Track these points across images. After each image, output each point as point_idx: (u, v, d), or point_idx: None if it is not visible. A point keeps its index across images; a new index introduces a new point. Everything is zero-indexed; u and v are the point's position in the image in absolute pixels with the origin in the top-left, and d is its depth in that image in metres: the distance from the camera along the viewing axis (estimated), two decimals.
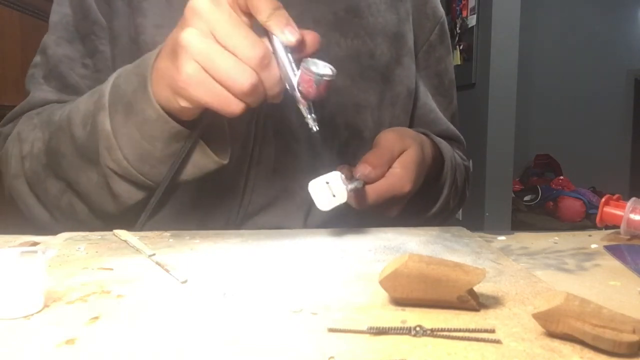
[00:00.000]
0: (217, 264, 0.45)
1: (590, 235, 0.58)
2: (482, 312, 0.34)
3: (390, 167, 0.58)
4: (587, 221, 2.86)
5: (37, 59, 0.71)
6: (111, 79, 0.56)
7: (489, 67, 2.55)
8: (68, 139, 0.59)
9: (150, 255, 0.46)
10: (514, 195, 2.87)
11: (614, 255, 0.50)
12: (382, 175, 0.57)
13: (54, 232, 0.55)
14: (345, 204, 0.54)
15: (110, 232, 0.54)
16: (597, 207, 0.58)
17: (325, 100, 0.63)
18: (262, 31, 0.47)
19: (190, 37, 0.46)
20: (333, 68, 0.48)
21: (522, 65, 2.64)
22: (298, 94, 0.48)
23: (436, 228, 0.59)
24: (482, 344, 0.30)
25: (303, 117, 0.50)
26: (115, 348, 0.29)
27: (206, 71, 0.46)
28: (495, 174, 2.54)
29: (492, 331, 0.31)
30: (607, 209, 0.57)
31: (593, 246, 0.53)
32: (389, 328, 0.31)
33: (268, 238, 0.54)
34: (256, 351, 0.29)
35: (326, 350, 0.29)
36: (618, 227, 0.56)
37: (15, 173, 0.65)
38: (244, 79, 0.45)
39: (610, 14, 3.52)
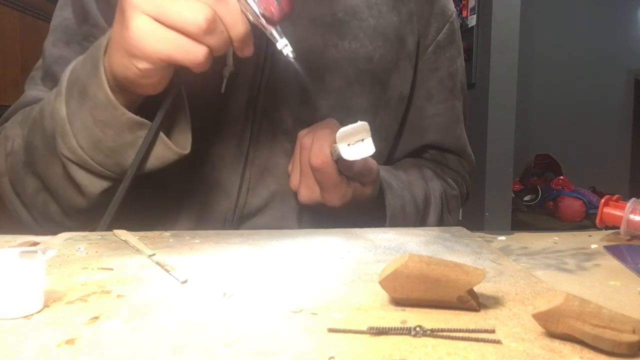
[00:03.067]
0: (217, 264, 0.45)
1: (590, 236, 0.58)
2: (482, 313, 0.34)
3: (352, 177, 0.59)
4: (587, 221, 2.87)
5: (39, 62, 0.71)
6: (71, 64, 0.55)
7: (489, 67, 2.55)
8: (40, 131, 0.58)
9: (150, 255, 0.46)
10: (514, 195, 2.87)
11: (614, 255, 0.50)
12: (350, 174, 0.58)
13: (52, 232, 0.55)
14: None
15: (111, 232, 0.54)
16: (597, 207, 0.58)
17: (321, 103, 0.62)
18: None
19: None
20: None
21: (522, 65, 2.64)
22: (263, 20, 0.45)
23: (436, 228, 0.59)
24: (482, 344, 0.30)
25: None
26: (115, 348, 0.29)
27: (157, 20, 0.44)
28: (495, 174, 2.54)
29: (492, 331, 0.31)
30: (607, 210, 0.57)
31: (593, 246, 0.53)
32: (389, 328, 0.31)
33: (268, 238, 0.54)
34: (256, 351, 0.29)
35: (326, 350, 0.29)
36: (618, 227, 0.56)
37: (1, 172, 0.65)
38: (197, 14, 0.43)
39: (610, 14, 3.52)
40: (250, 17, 0.45)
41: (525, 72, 3.13)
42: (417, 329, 0.31)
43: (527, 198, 3.16)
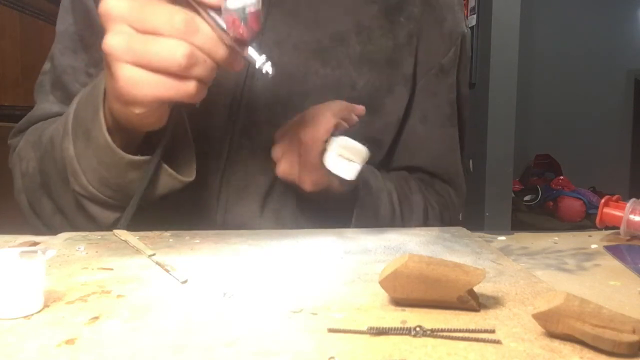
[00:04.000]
0: (217, 264, 0.45)
1: (590, 236, 0.58)
2: (482, 313, 0.34)
3: None
4: (587, 221, 2.86)
5: (47, 66, 0.71)
6: (75, 102, 0.56)
7: (489, 67, 2.55)
8: (52, 161, 0.59)
9: (150, 255, 0.46)
10: (514, 195, 2.87)
11: (614, 255, 0.50)
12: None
13: (53, 232, 0.55)
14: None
15: (111, 232, 0.54)
16: (597, 207, 0.58)
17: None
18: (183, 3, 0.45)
19: (111, 41, 0.44)
20: None
21: (522, 65, 2.64)
22: (235, 44, 0.45)
23: (436, 228, 0.60)
24: (482, 344, 0.30)
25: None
26: (115, 348, 0.29)
27: (140, 66, 0.44)
28: (495, 174, 2.54)
29: (492, 331, 0.31)
30: (607, 210, 0.57)
31: (593, 246, 0.53)
32: (389, 328, 0.31)
33: (268, 238, 0.54)
34: (256, 351, 0.29)
35: (326, 350, 0.29)
36: (618, 228, 0.56)
37: (18, 189, 0.67)
38: (175, 53, 0.43)
39: (610, 14, 3.52)
40: (225, 41, 0.45)
41: (525, 72, 3.13)
42: (417, 329, 0.31)
43: (527, 198, 3.16)
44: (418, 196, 0.73)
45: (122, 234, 0.53)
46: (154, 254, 0.46)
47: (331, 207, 0.65)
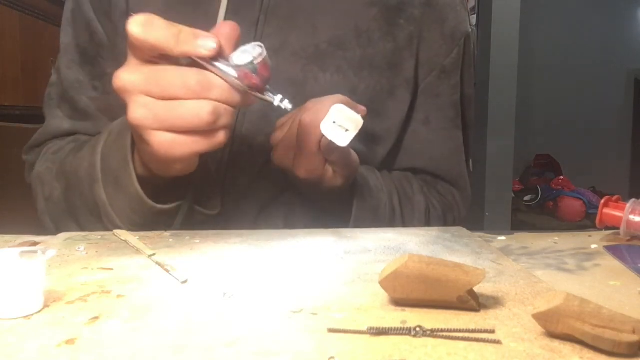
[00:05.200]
0: (217, 264, 0.45)
1: (590, 236, 0.58)
2: (482, 313, 0.34)
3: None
4: (587, 221, 2.86)
5: (53, 78, 0.72)
6: (100, 145, 0.57)
7: (489, 67, 2.55)
8: (79, 197, 0.61)
9: (150, 255, 0.46)
10: (514, 195, 2.87)
11: (614, 255, 0.50)
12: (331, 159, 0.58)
13: (54, 232, 0.55)
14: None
15: (110, 232, 0.54)
16: (597, 207, 0.58)
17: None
18: (190, 61, 0.47)
19: (136, 114, 0.46)
20: (260, 44, 0.47)
21: (522, 65, 2.64)
22: (251, 92, 0.48)
23: (435, 228, 0.59)
24: (482, 344, 0.30)
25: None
26: (115, 348, 0.29)
27: (170, 131, 0.47)
28: (495, 174, 2.54)
29: (492, 331, 0.31)
30: (607, 211, 0.57)
31: (593, 246, 0.53)
32: (389, 328, 0.31)
33: (268, 238, 0.54)
34: (256, 351, 0.29)
35: (326, 350, 0.29)
36: (618, 228, 0.56)
37: (42, 211, 0.68)
38: (200, 113, 0.45)
39: (610, 14, 3.52)
40: (239, 87, 0.47)
41: (525, 72, 3.13)
42: (417, 329, 0.31)
43: (527, 198, 3.15)
44: (420, 197, 0.72)
45: (122, 234, 0.53)
46: (154, 254, 0.46)
47: (329, 208, 0.65)
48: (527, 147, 3.40)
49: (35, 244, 0.51)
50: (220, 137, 0.48)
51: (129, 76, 0.46)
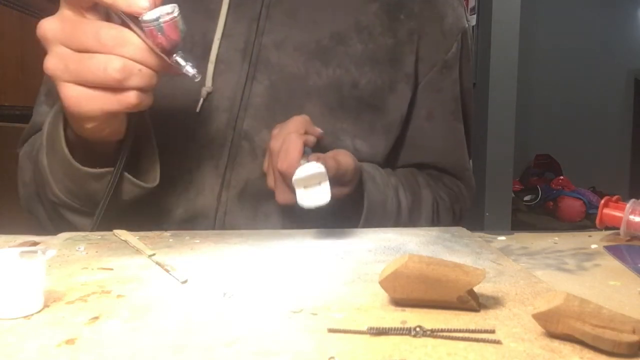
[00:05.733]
0: (217, 264, 0.45)
1: (590, 236, 0.58)
2: (482, 313, 0.34)
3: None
4: (587, 221, 2.86)
5: (45, 77, 0.73)
6: (50, 115, 0.58)
7: (489, 67, 2.55)
8: (38, 171, 0.61)
9: (150, 255, 0.46)
10: (514, 195, 2.87)
11: (614, 255, 0.50)
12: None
13: (54, 232, 0.55)
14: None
15: (110, 232, 0.54)
16: (597, 207, 0.58)
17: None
18: (118, 19, 0.47)
19: (49, 63, 0.47)
20: (175, 5, 0.46)
21: (522, 65, 2.64)
22: (161, 53, 0.47)
23: (436, 228, 0.59)
24: (482, 344, 0.30)
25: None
26: (115, 348, 0.29)
27: (79, 84, 0.46)
28: (495, 174, 2.54)
29: (492, 331, 0.31)
30: (607, 211, 0.57)
31: (593, 246, 0.53)
32: (389, 328, 0.31)
33: (268, 238, 0.54)
34: (256, 351, 0.29)
35: (326, 350, 0.29)
36: (618, 228, 0.56)
37: (21, 197, 0.69)
38: (107, 68, 0.45)
39: (610, 14, 3.52)
40: (154, 50, 0.47)
41: (525, 72, 3.13)
42: (417, 329, 0.31)
43: (527, 198, 3.15)
44: (426, 190, 0.73)
45: (122, 234, 0.53)
46: (154, 254, 0.46)
47: (338, 210, 0.65)
48: (527, 147, 3.40)
49: (35, 244, 0.51)
50: (131, 97, 0.47)
51: (50, 25, 0.46)
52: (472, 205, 0.81)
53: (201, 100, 0.64)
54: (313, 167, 0.52)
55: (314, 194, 0.52)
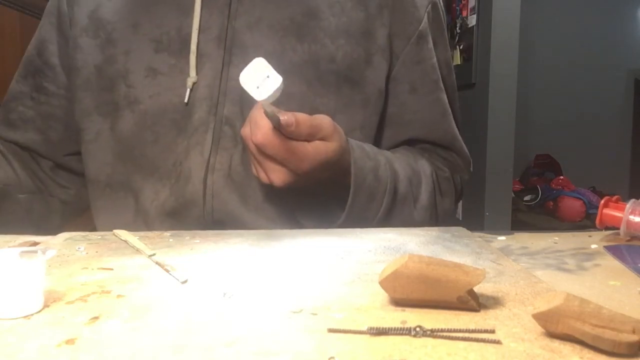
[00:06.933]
0: (217, 264, 0.45)
1: (590, 236, 0.58)
2: (482, 313, 0.34)
3: (307, 140, 0.57)
4: (587, 221, 2.86)
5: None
6: None
7: (489, 67, 2.55)
8: None
9: (150, 255, 0.46)
10: (514, 195, 2.87)
11: (614, 255, 0.50)
12: (298, 135, 0.56)
13: (54, 232, 0.55)
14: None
15: (110, 232, 0.54)
16: (597, 207, 0.58)
17: (280, 107, 0.62)
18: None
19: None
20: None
21: (522, 65, 2.64)
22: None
23: (436, 228, 0.59)
24: (482, 344, 0.30)
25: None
26: (115, 348, 0.29)
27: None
28: (495, 174, 2.54)
29: (492, 332, 0.31)
30: (607, 211, 0.57)
31: (593, 246, 0.53)
32: (389, 328, 0.31)
33: (268, 238, 0.54)
34: (256, 351, 0.29)
35: (326, 350, 0.29)
36: (618, 228, 0.56)
37: None
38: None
39: (610, 14, 3.52)
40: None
41: (525, 72, 3.13)
42: (417, 329, 0.31)
43: (527, 198, 3.15)
44: (422, 160, 0.73)
45: (122, 234, 0.53)
46: (154, 254, 0.46)
47: (323, 185, 0.64)
48: (527, 147, 3.40)
49: (35, 244, 0.51)
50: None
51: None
52: (470, 176, 0.81)
53: (188, 90, 0.66)
54: (252, 63, 0.51)
55: (266, 84, 0.51)
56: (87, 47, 0.69)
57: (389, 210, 0.67)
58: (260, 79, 0.50)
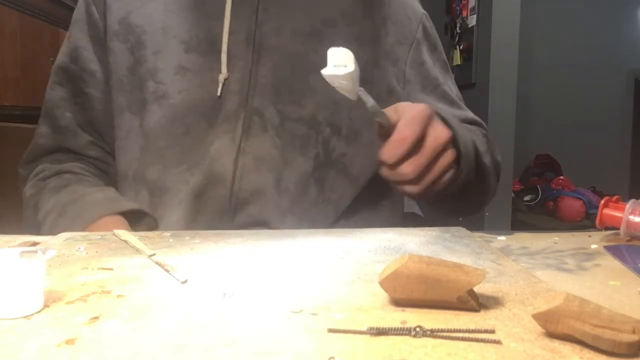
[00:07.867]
0: (217, 264, 0.45)
1: (590, 236, 0.58)
2: (482, 313, 0.34)
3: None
4: (587, 221, 2.86)
5: (45, 98, 0.80)
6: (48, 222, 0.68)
7: (489, 67, 2.55)
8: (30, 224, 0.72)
9: (150, 255, 0.46)
10: (514, 195, 2.87)
11: (614, 255, 0.50)
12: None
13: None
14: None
15: (110, 232, 0.54)
16: (597, 207, 0.58)
17: (306, 100, 0.72)
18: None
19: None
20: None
21: (522, 65, 2.64)
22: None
23: (436, 228, 0.59)
24: (482, 344, 0.30)
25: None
26: (115, 348, 0.29)
27: None
28: None
29: (492, 332, 0.31)
30: (607, 211, 0.57)
31: (593, 246, 0.53)
32: (389, 328, 0.31)
33: (268, 238, 0.54)
34: (256, 351, 0.29)
35: (326, 350, 0.29)
36: (618, 228, 0.56)
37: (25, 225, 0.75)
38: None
39: (610, 14, 3.52)
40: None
41: (525, 72, 3.13)
42: (417, 329, 0.31)
43: (527, 198, 3.15)
44: (471, 126, 0.79)
45: (122, 234, 0.53)
46: (154, 254, 0.46)
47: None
48: (527, 147, 3.40)
49: (35, 244, 0.51)
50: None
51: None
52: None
53: (220, 85, 0.71)
54: (343, 50, 0.55)
55: (339, 69, 0.55)
56: (119, 50, 0.74)
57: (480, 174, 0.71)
58: (341, 63, 0.55)
